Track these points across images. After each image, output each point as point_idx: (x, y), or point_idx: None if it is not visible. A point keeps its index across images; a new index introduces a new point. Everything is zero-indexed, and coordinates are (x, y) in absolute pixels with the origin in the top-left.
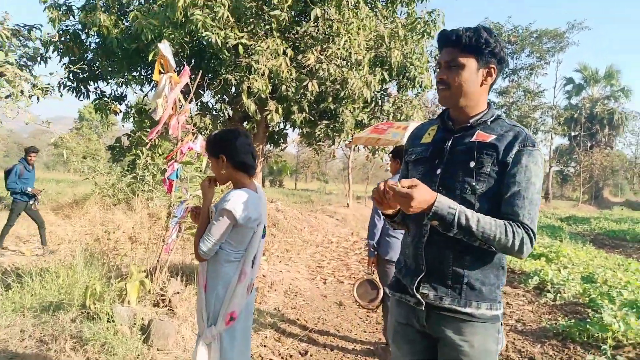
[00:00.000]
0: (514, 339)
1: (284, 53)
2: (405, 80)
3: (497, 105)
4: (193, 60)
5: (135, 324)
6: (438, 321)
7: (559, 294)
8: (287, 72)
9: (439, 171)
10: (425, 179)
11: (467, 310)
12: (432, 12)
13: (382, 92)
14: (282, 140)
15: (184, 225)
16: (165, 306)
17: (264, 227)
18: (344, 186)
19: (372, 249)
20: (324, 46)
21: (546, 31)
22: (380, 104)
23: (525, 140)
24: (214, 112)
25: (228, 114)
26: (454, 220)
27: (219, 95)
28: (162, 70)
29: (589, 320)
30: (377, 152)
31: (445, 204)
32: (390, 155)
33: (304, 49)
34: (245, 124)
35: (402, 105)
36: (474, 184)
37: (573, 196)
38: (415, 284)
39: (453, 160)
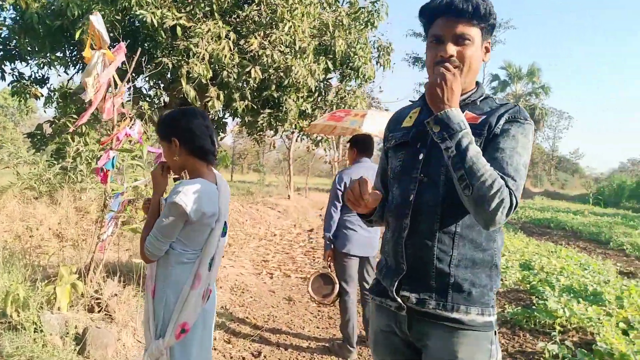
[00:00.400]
0: None
1: (227, 37)
2: (348, 71)
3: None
4: (126, 42)
5: (68, 333)
6: (421, 328)
7: (501, 281)
8: (230, 57)
9: (421, 156)
10: (406, 165)
11: (455, 315)
12: (376, 2)
13: (325, 81)
14: (221, 130)
15: (120, 219)
16: (102, 311)
17: (225, 224)
18: (284, 178)
19: (328, 242)
20: (267, 32)
21: None
22: (323, 94)
23: (517, 113)
24: (147, 99)
25: (164, 100)
26: (456, 134)
27: (154, 80)
28: (93, 46)
29: (534, 307)
30: (320, 143)
31: (460, 116)
32: (348, 143)
33: (245, 34)
34: None
35: (345, 96)
36: None
37: None
38: (395, 285)
39: (438, 144)
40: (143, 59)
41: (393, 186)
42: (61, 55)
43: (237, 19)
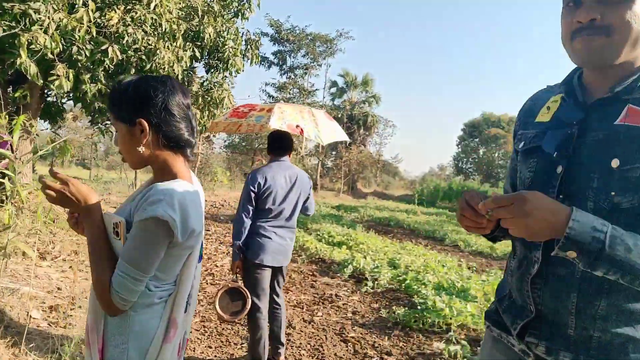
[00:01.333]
0: (362, 334)
1: (85, 4)
2: (216, 61)
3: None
4: None
5: None
6: None
7: (376, 282)
8: (86, 30)
9: (560, 169)
10: (538, 178)
11: None
12: None
13: (190, 70)
14: (60, 116)
15: None
16: None
17: (202, 244)
18: (126, 174)
19: (237, 251)
20: (129, 7)
21: (319, 35)
22: (187, 84)
23: None
24: None
25: None
26: (603, 250)
27: None
28: None
29: (419, 307)
30: None
31: (587, 220)
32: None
33: (101, 7)
34: (10, 90)
35: (211, 88)
36: (614, 194)
37: (334, 187)
38: (519, 328)
39: (584, 153)
40: None
41: None
42: None
43: None
